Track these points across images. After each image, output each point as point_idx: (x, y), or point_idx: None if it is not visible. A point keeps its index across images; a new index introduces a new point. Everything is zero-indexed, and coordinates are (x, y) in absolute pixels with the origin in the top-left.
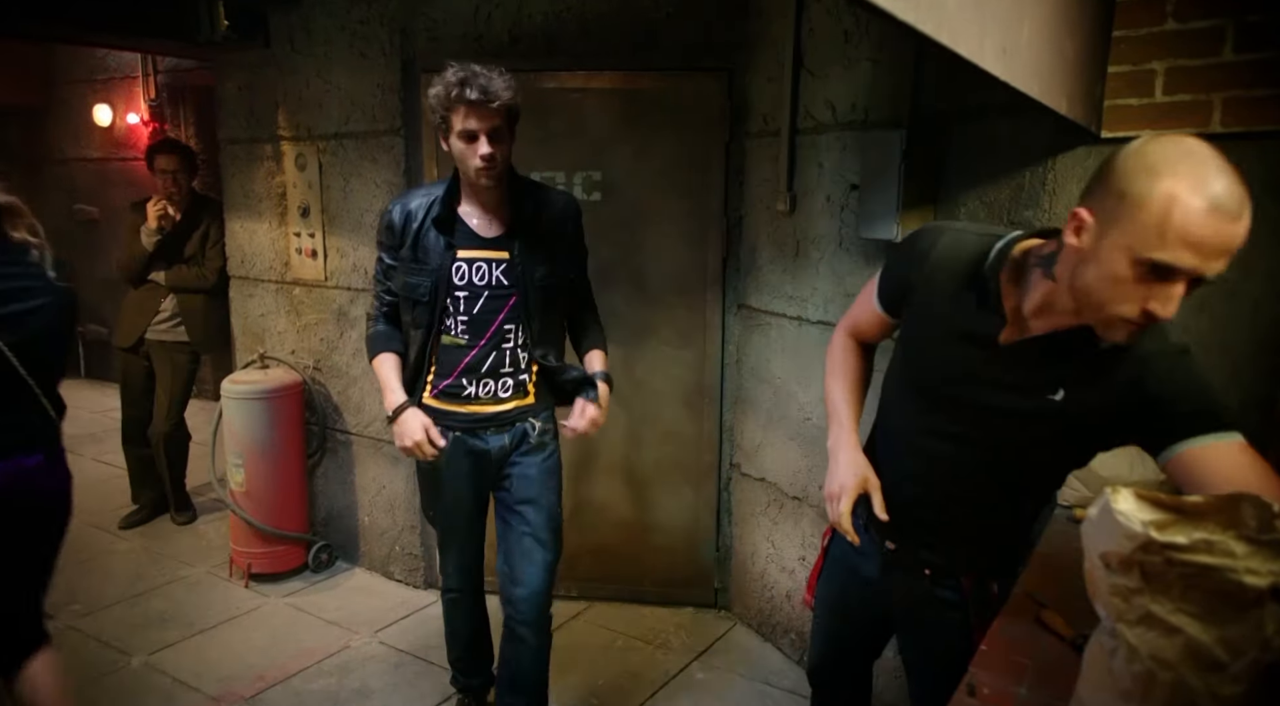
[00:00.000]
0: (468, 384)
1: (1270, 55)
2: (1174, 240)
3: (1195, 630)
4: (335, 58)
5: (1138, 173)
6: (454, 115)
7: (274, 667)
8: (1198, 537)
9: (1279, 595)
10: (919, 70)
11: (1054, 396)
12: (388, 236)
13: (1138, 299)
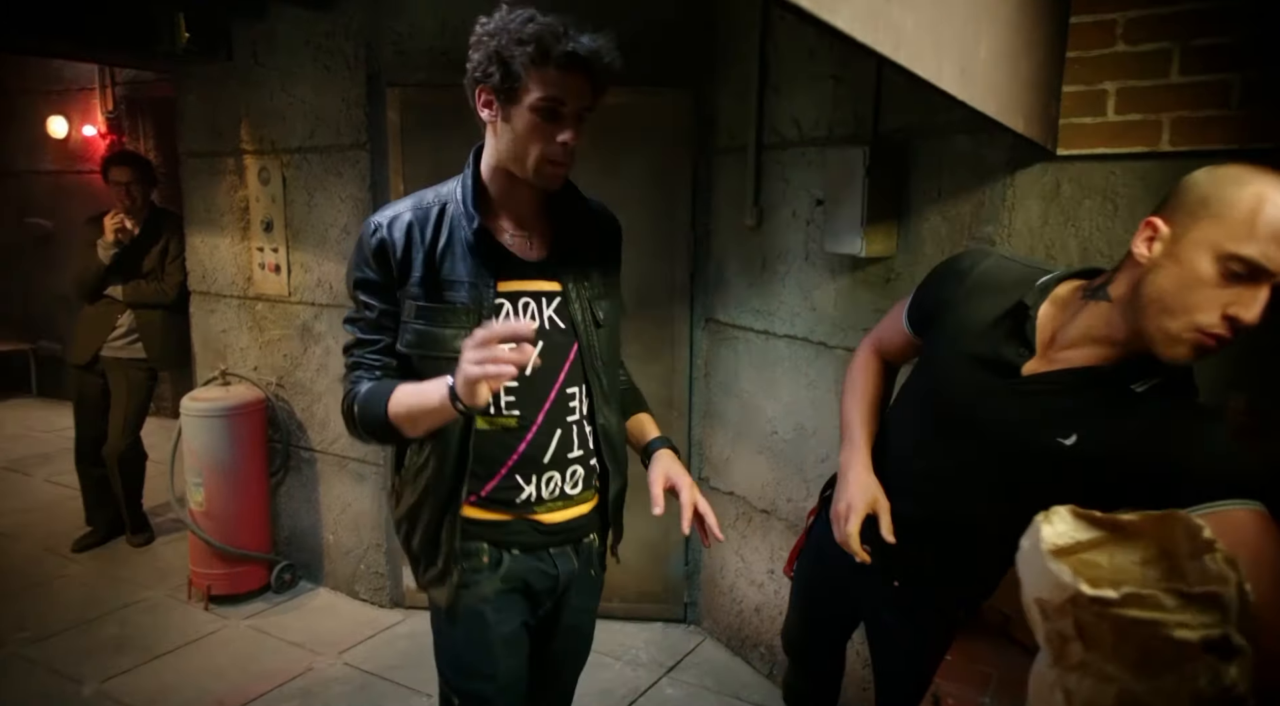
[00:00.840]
0: (525, 483)
1: (1214, 77)
2: (1263, 234)
3: (1130, 680)
4: (300, 71)
5: (1222, 182)
6: (531, 76)
7: (234, 692)
8: (1128, 592)
9: (1210, 647)
10: (881, 87)
11: (1065, 440)
12: (379, 268)
13: (1218, 304)
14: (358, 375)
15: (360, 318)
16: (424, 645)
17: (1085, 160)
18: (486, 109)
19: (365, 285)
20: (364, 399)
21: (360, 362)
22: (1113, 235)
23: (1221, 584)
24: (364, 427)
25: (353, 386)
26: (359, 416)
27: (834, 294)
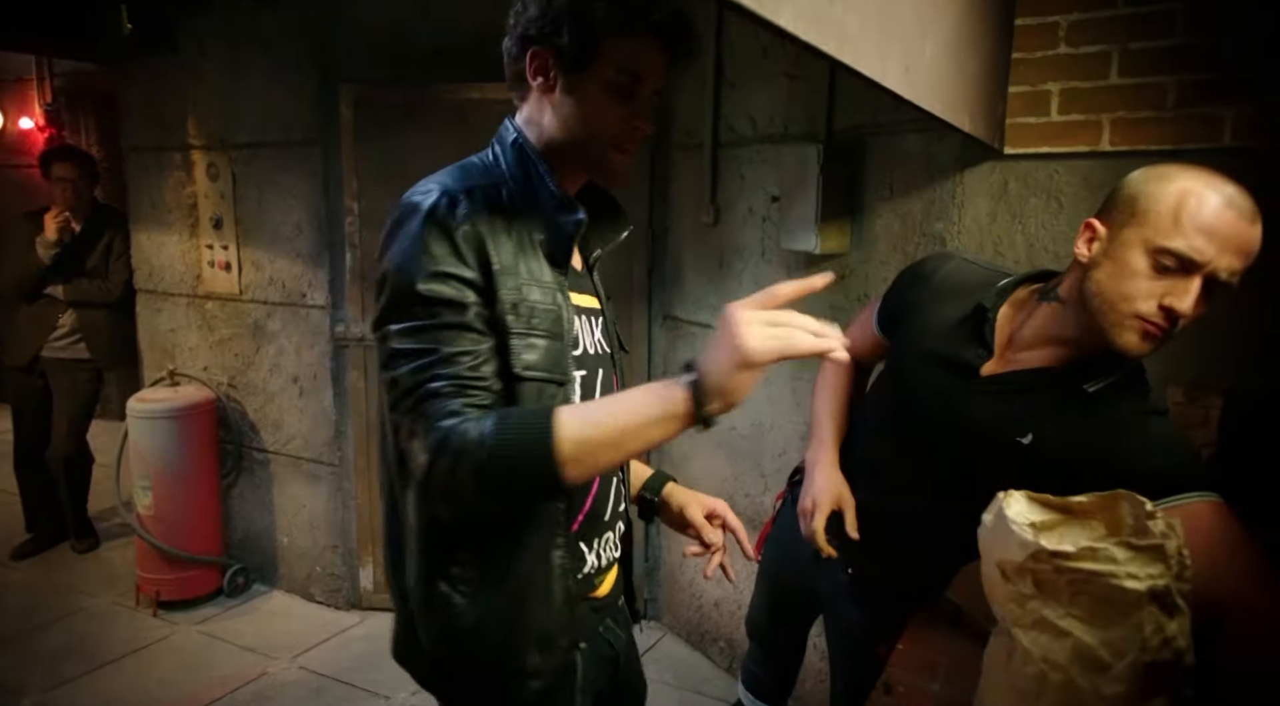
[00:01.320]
0: (588, 551)
1: (1151, 80)
2: (1189, 227)
3: (1082, 632)
4: (249, 66)
5: (1150, 180)
6: (610, 42)
7: (184, 699)
8: (1084, 545)
9: (1156, 597)
10: (835, 86)
11: (1022, 439)
12: (474, 260)
13: (1154, 295)
14: (461, 404)
15: (439, 325)
16: (381, 646)
17: (1031, 159)
18: (540, 76)
19: (448, 279)
20: (500, 435)
21: (462, 384)
22: (1057, 232)
23: (1165, 538)
24: (498, 479)
25: (459, 421)
26: (493, 463)
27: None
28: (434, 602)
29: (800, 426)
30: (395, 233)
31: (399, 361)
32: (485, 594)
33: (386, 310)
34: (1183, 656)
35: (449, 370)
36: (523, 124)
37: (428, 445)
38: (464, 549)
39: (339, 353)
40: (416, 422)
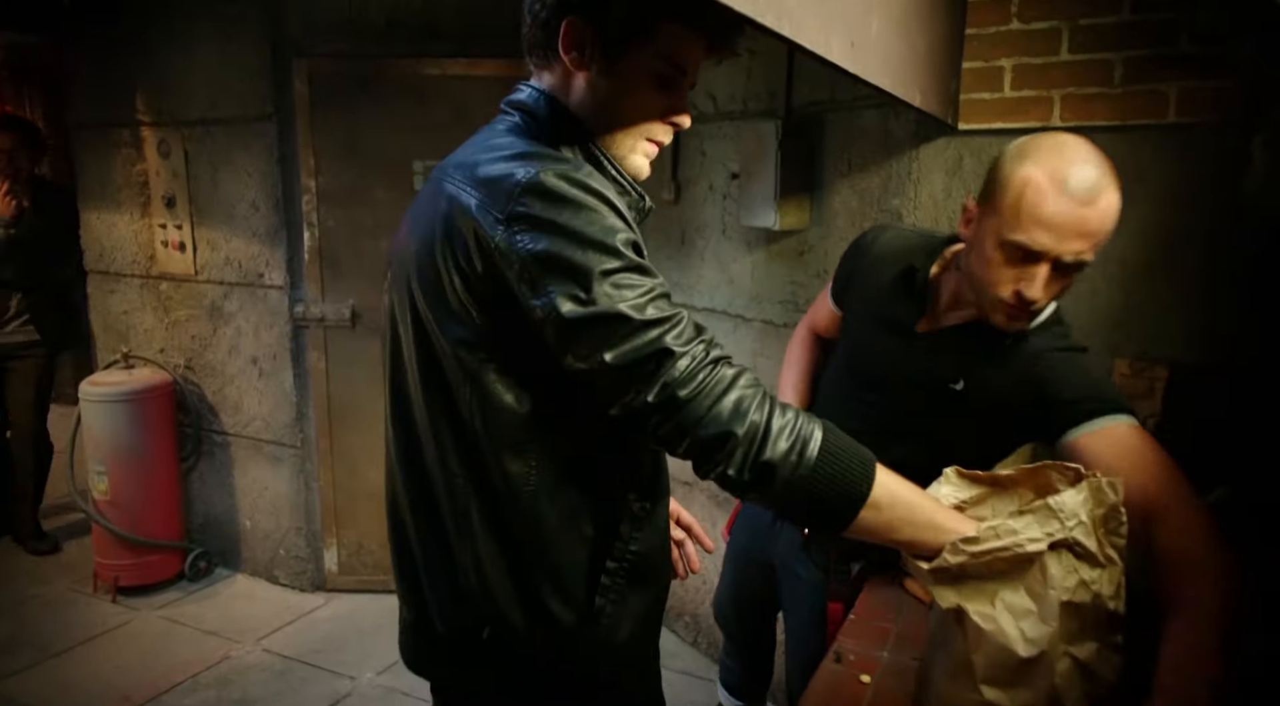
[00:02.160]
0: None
1: (1099, 56)
2: (1027, 221)
3: (1008, 591)
4: (199, 39)
5: (1007, 162)
6: (664, 29)
7: (143, 685)
8: (984, 528)
9: (1064, 546)
10: (793, 62)
11: (955, 385)
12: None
13: (1010, 281)
14: (746, 372)
15: (667, 292)
16: (347, 627)
17: (984, 135)
18: (574, 50)
19: (639, 249)
20: (833, 439)
21: (699, 335)
22: None
23: (1054, 496)
24: (814, 478)
25: (771, 405)
26: (819, 469)
27: (751, 267)
28: (589, 620)
29: None
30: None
31: (652, 332)
32: (634, 596)
33: (593, 283)
34: (1105, 601)
35: (708, 335)
36: (552, 94)
37: (747, 425)
38: (611, 555)
39: (298, 333)
40: (719, 396)
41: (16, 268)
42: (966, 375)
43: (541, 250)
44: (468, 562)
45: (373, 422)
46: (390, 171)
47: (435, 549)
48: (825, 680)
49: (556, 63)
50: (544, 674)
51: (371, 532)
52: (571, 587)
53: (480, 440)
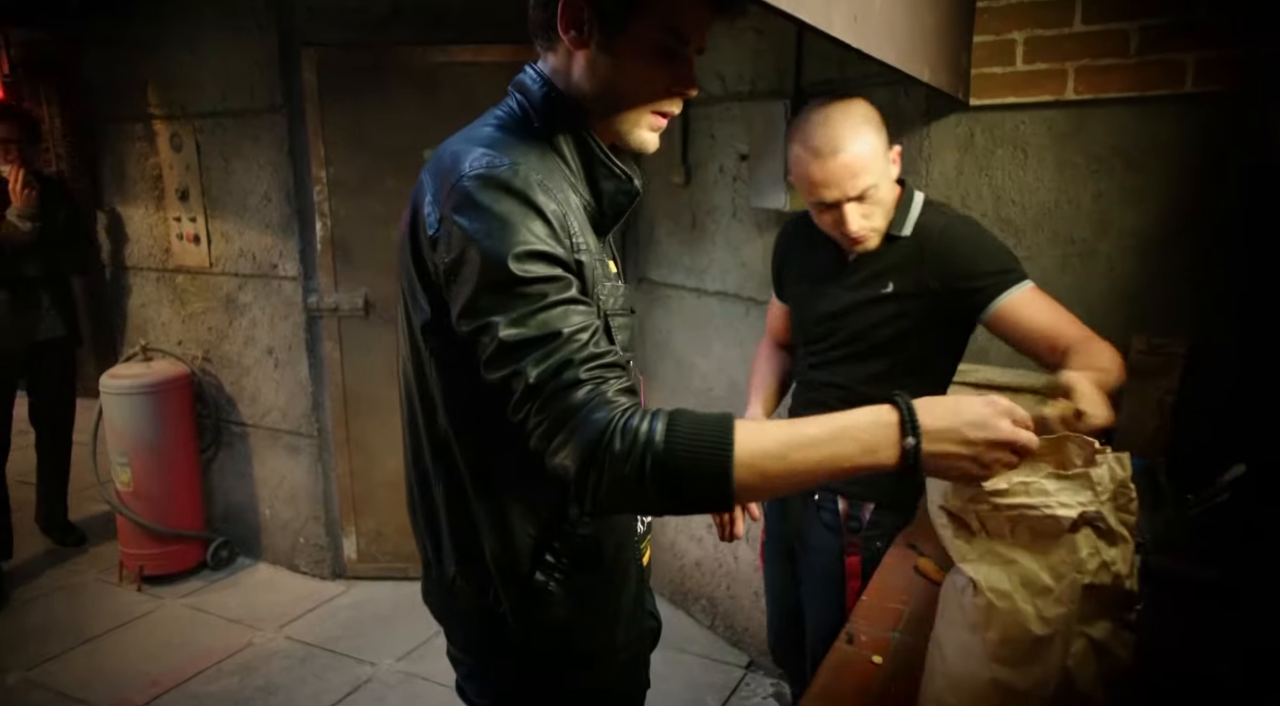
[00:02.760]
0: (638, 517)
1: (1114, 26)
2: (809, 187)
3: (1026, 559)
4: (207, 32)
5: (788, 145)
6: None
7: (170, 672)
8: (1016, 481)
9: (1089, 522)
10: (802, 40)
11: (885, 289)
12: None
13: (833, 225)
14: (612, 391)
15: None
16: (366, 614)
17: (996, 110)
18: (572, 28)
19: (540, 258)
20: (677, 432)
21: (598, 365)
22: (1023, 183)
23: (1095, 467)
24: (670, 478)
25: (610, 413)
26: (671, 459)
27: (762, 249)
28: (527, 594)
29: None
30: (468, 208)
31: (514, 356)
32: (580, 577)
33: (480, 297)
34: (1123, 581)
35: (576, 353)
36: (550, 77)
37: (576, 450)
38: (558, 536)
39: (312, 323)
40: (555, 427)
41: (43, 262)
42: (892, 278)
43: (452, 257)
44: (440, 531)
45: (388, 411)
46: (400, 160)
47: (423, 513)
48: (836, 660)
49: (558, 43)
50: (493, 640)
51: (389, 520)
52: (517, 564)
53: (441, 421)
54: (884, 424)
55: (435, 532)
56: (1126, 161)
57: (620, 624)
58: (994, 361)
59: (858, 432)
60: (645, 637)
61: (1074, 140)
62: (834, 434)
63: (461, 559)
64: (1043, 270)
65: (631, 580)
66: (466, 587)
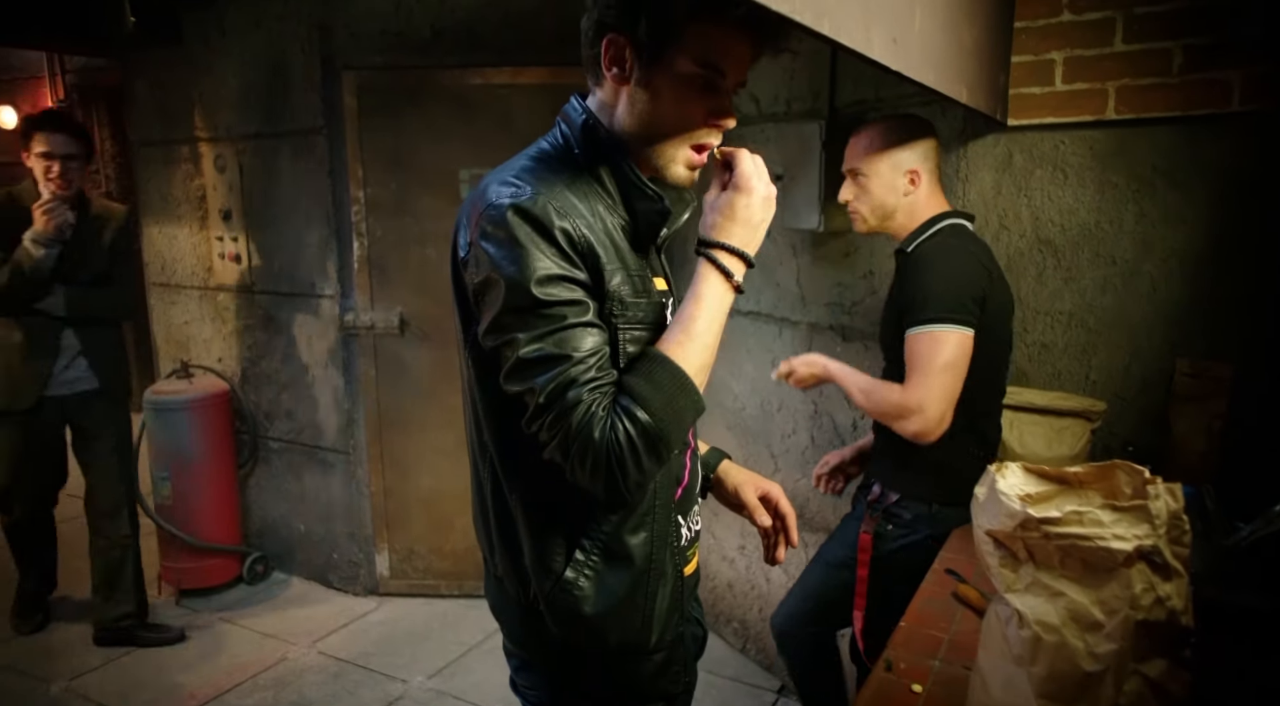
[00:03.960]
0: (683, 523)
1: (1156, 45)
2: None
3: (1075, 593)
4: (252, 55)
5: None
6: (693, 30)
7: (206, 685)
8: (1069, 510)
9: (1145, 556)
10: (836, 62)
11: (889, 298)
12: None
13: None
14: (601, 407)
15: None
16: (398, 631)
17: (1035, 130)
18: (615, 65)
19: (561, 281)
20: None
21: (596, 386)
22: (1063, 204)
23: (1151, 499)
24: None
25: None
26: (661, 424)
27: (796, 270)
28: (560, 589)
29: (808, 406)
30: (492, 236)
31: (531, 371)
32: (611, 576)
33: (505, 316)
34: (1178, 617)
35: (582, 374)
36: (595, 108)
37: (593, 466)
38: (587, 535)
39: (348, 341)
40: (569, 444)
41: (69, 300)
42: (895, 288)
43: (480, 279)
44: (491, 530)
45: (421, 429)
46: (436, 180)
47: (479, 513)
48: (876, 687)
49: (604, 81)
50: (536, 633)
51: (422, 537)
52: (551, 560)
53: (485, 426)
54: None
55: (488, 532)
56: (1170, 181)
57: (654, 625)
58: (1034, 384)
59: (713, 301)
60: (682, 643)
61: (1115, 160)
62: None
63: (506, 555)
64: (1082, 291)
65: (668, 584)
66: (513, 582)
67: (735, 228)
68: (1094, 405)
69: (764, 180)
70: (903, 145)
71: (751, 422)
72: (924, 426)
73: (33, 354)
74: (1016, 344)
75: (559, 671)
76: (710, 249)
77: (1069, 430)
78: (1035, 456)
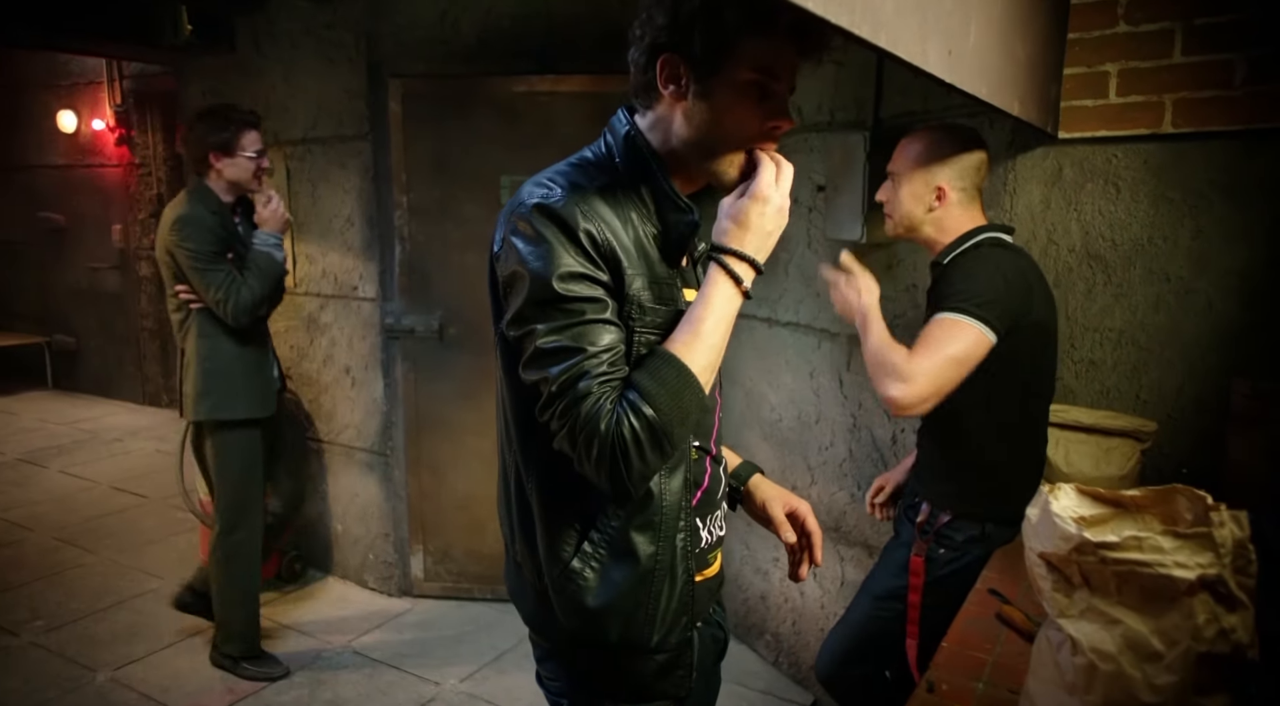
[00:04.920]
0: (702, 525)
1: (1216, 57)
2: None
3: (1133, 621)
4: (301, 62)
5: None
6: (746, 42)
7: (244, 681)
8: (1128, 535)
9: (1208, 586)
10: (882, 72)
11: (926, 311)
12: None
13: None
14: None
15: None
16: (431, 632)
17: (1087, 143)
18: (671, 83)
19: (582, 279)
20: (657, 398)
21: (607, 380)
22: (1115, 219)
23: (1216, 526)
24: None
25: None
26: (667, 419)
27: None
28: (566, 578)
29: (846, 419)
30: (521, 233)
31: (546, 361)
32: (615, 571)
33: (527, 308)
34: (1244, 651)
35: (595, 367)
36: (645, 125)
37: (598, 456)
38: (595, 528)
39: (389, 344)
40: (576, 434)
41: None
42: (930, 301)
43: (508, 273)
44: (512, 516)
45: (459, 433)
46: (478, 186)
47: (502, 499)
48: None
49: (659, 99)
50: (547, 620)
51: (457, 540)
52: (560, 549)
53: (510, 419)
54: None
55: (510, 518)
56: (1229, 197)
57: (656, 625)
58: (1081, 402)
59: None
60: (691, 647)
61: (1171, 174)
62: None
63: (524, 541)
64: (1134, 308)
65: (675, 585)
66: (529, 567)
67: (747, 235)
68: (1144, 425)
69: (781, 191)
70: (941, 161)
71: (789, 434)
72: (904, 397)
73: (269, 359)
74: (1063, 360)
75: (571, 660)
76: (721, 254)
77: (1118, 450)
78: (1081, 476)
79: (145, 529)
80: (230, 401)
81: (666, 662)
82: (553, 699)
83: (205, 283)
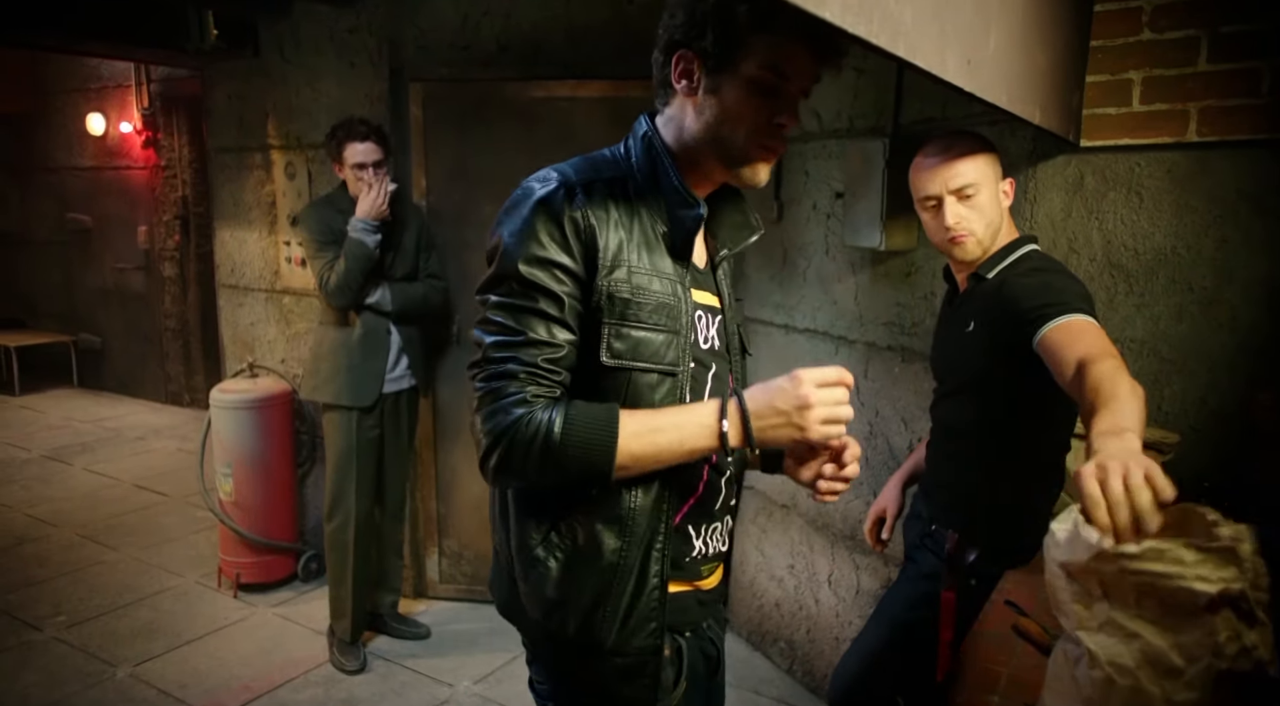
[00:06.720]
0: (695, 535)
1: (1243, 65)
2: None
3: (1152, 635)
4: (324, 67)
5: None
6: (754, 40)
7: (260, 678)
8: (1149, 546)
9: (1230, 602)
10: (902, 79)
11: (968, 328)
12: (576, 247)
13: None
14: (531, 393)
15: (530, 309)
16: (445, 634)
17: (1109, 151)
18: (684, 78)
19: (550, 266)
20: (572, 429)
21: (536, 373)
22: (1137, 228)
23: (1237, 542)
24: (561, 465)
25: (527, 411)
26: (563, 452)
27: (854, 288)
28: (530, 565)
29: (863, 426)
30: (511, 211)
31: (489, 329)
32: (578, 563)
33: (491, 280)
34: (1265, 668)
35: (529, 356)
36: (661, 123)
37: (490, 428)
38: (564, 518)
39: None
40: (485, 400)
41: (394, 294)
42: (974, 318)
43: (490, 245)
44: (494, 501)
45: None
46: (496, 190)
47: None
48: None
49: (673, 97)
50: (516, 604)
51: (471, 543)
52: (528, 536)
53: None
54: (705, 417)
55: (494, 504)
56: (1255, 206)
57: (614, 625)
58: None
59: (685, 421)
60: (661, 658)
61: (1195, 184)
62: (675, 422)
63: (500, 528)
64: (1156, 318)
65: (645, 588)
66: (504, 553)
67: (764, 402)
68: (1166, 437)
69: (826, 404)
70: (994, 156)
71: None
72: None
73: (371, 352)
74: None
75: (547, 658)
76: (733, 396)
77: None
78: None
79: (166, 526)
80: (325, 385)
81: (628, 667)
82: (540, 702)
83: (311, 266)
